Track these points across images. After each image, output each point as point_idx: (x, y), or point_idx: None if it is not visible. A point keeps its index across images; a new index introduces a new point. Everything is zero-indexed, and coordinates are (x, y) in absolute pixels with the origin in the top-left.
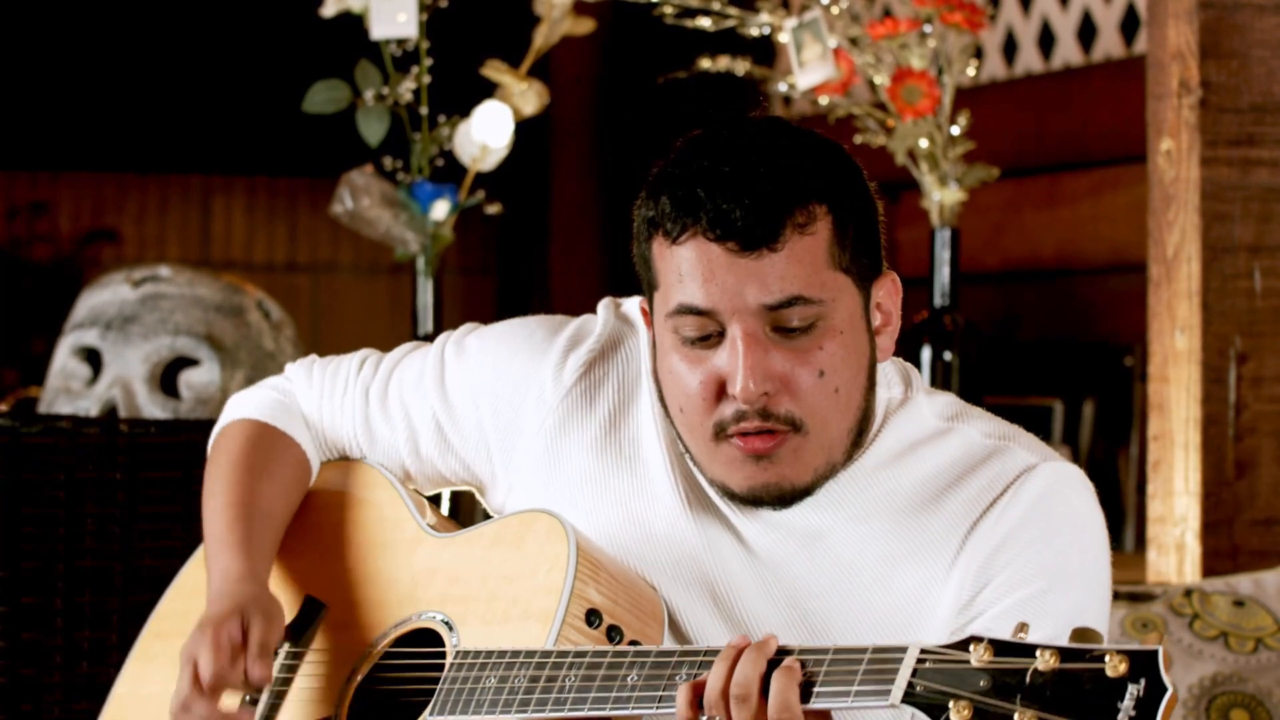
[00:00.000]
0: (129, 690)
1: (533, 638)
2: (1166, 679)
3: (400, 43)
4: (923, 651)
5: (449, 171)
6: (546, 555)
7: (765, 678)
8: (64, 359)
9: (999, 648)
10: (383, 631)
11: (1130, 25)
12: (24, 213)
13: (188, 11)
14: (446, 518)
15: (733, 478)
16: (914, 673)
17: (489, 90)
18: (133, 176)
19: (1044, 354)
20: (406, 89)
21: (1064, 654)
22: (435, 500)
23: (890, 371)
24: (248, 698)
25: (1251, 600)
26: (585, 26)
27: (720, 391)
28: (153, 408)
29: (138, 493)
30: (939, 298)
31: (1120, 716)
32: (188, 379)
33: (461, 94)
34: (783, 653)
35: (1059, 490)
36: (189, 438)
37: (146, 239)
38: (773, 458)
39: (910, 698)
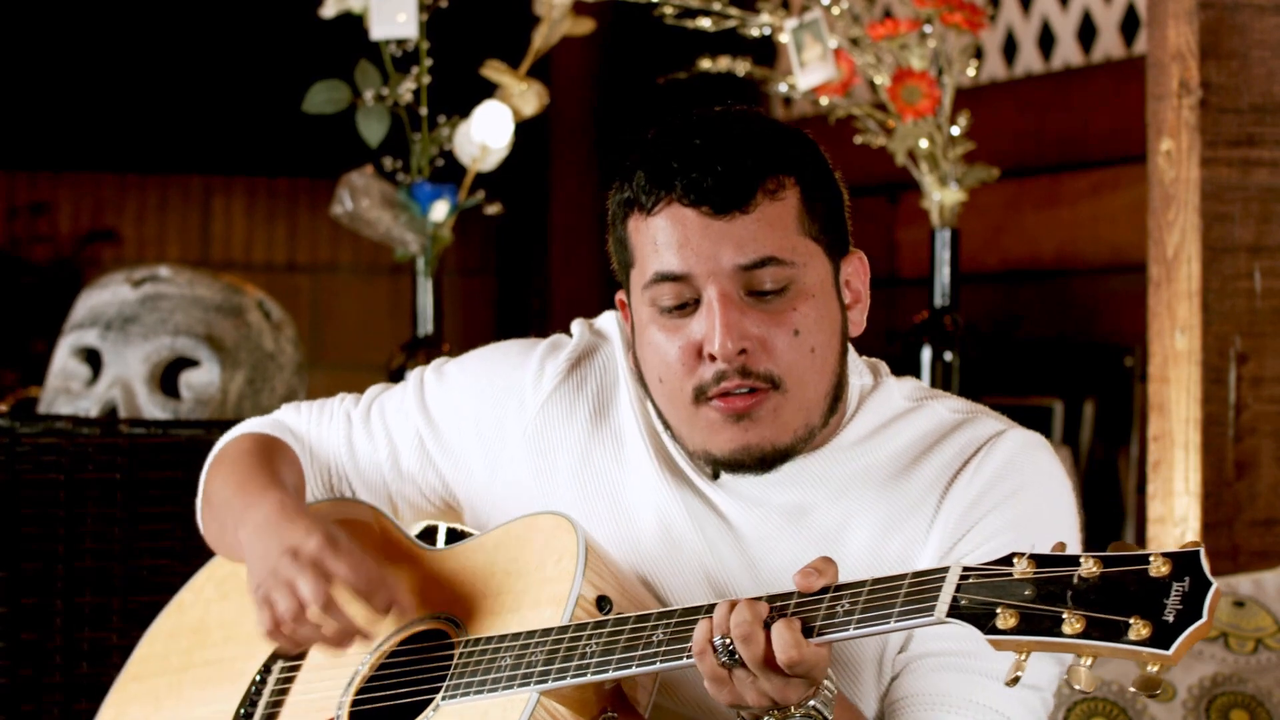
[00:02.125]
0: None
1: (546, 621)
2: (1210, 575)
3: (400, 43)
4: (965, 569)
5: (449, 172)
6: (554, 548)
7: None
8: (64, 359)
9: (1040, 560)
10: (385, 636)
11: (1130, 25)
12: (24, 213)
13: (188, 12)
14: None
15: (714, 441)
16: (957, 588)
17: (489, 90)
18: (133, 176)
19: (1044, 354)
20: (406, 89)
21: (1107, 560)
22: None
23: (860, 364)
24: (241, 710)
25: (1251, 600)
26: (585, 26)
27: (698, 355)
28: (153, 408)
29: (138, 493)
30: (939, 298)
31: (1168, 611)
32: (188, 379)
33: (461, 94)
34: (817, 592)
35: (1026, 451)
36: (189, 438)
37: (146, 239)
38: (753, 416)
39: (955, 611)
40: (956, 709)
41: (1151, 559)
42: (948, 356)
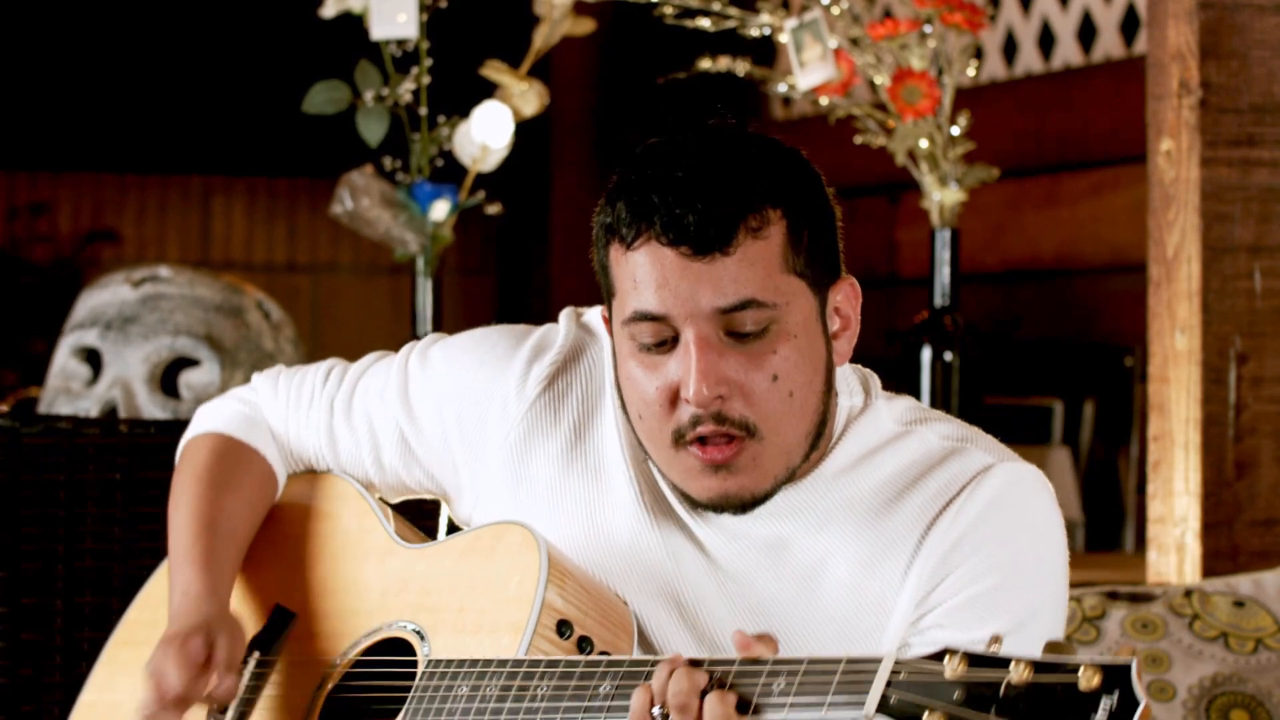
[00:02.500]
0: (96, 698)
1: (504, 648)
2: (1140, 692)
3: (400, 43)
4: (897, 663)
5: (449, 172)
6: (518, 566)
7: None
8: (64, 359)
9: (973, 660)
10: (353, 641)
11: (1130, 25)
12: (24, 213)
13: (188, 12)
14: (416, 530)
15: (692, 486)
16: (888, 684)
17: (489, 90)
18: (133, 176)
19: (1044, 354)
20: (406, 89)
21: (1038, 666)
22: (428, 516)
23: (851, 379)
24: (216, 707)
25: (1251, 600)
26: (585, 27)
27: (676, 397)
28: (153, 408)
29: (138, 493)
30: (939, 298)
31: None
32: (188, 379)
33: (461, 94)
34: (749, 663)
35: (1015, 490)
36: None
37: (146, 239)
38: (731, 467)
39: (884, 708)
40: None
41: (1082, 669)
42: (948, 356)
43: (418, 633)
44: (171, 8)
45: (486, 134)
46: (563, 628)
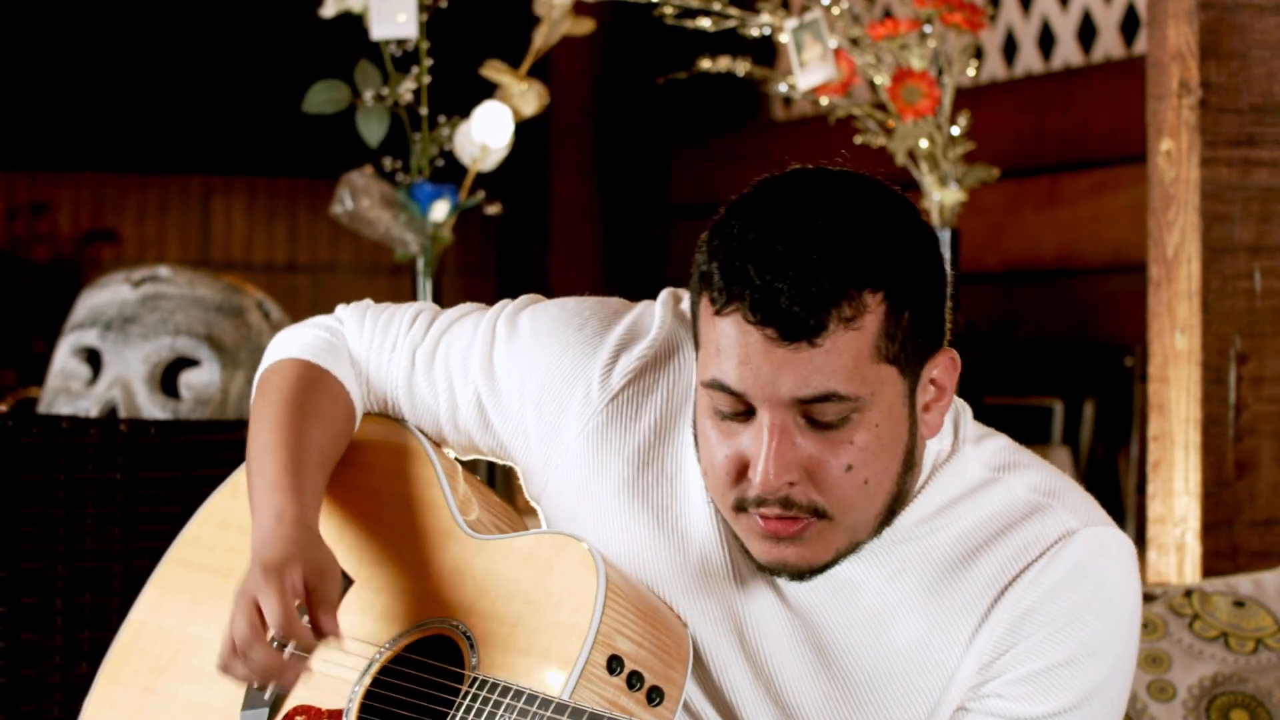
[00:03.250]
0: (146, 618)
1: (551, 680)
2: None
3: (400, 43)
4: None
5: (449, 172)
6: (574, 590)
7: None
8: (64, 359)
9: None
10: (404, 628)
11: (1130, 25)
12: (24, 213)
13: (187, 12)
14: (480, 487)
15: (753, 547)
16: None
17: (489, 90)
18: (133, 176)
19: (1044, 354)
20: (406, 89)
21: None
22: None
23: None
24: (255, 684)
25: (1251, 600)
26: (585, 27)
27: (745, 470)
28: (153, 408)
29: (138, 493)
30: None
31: None
32: (188, 379)
33: (461, 94)
34: None
35: (1096, 560)
36: (189, 438)
37: (146, 239)
38: (794, 540)
39: None
40: None
41: None
42: None
43: (467, 636)
44: (171, 8)
45: (486, 134)
46: (613, 664)
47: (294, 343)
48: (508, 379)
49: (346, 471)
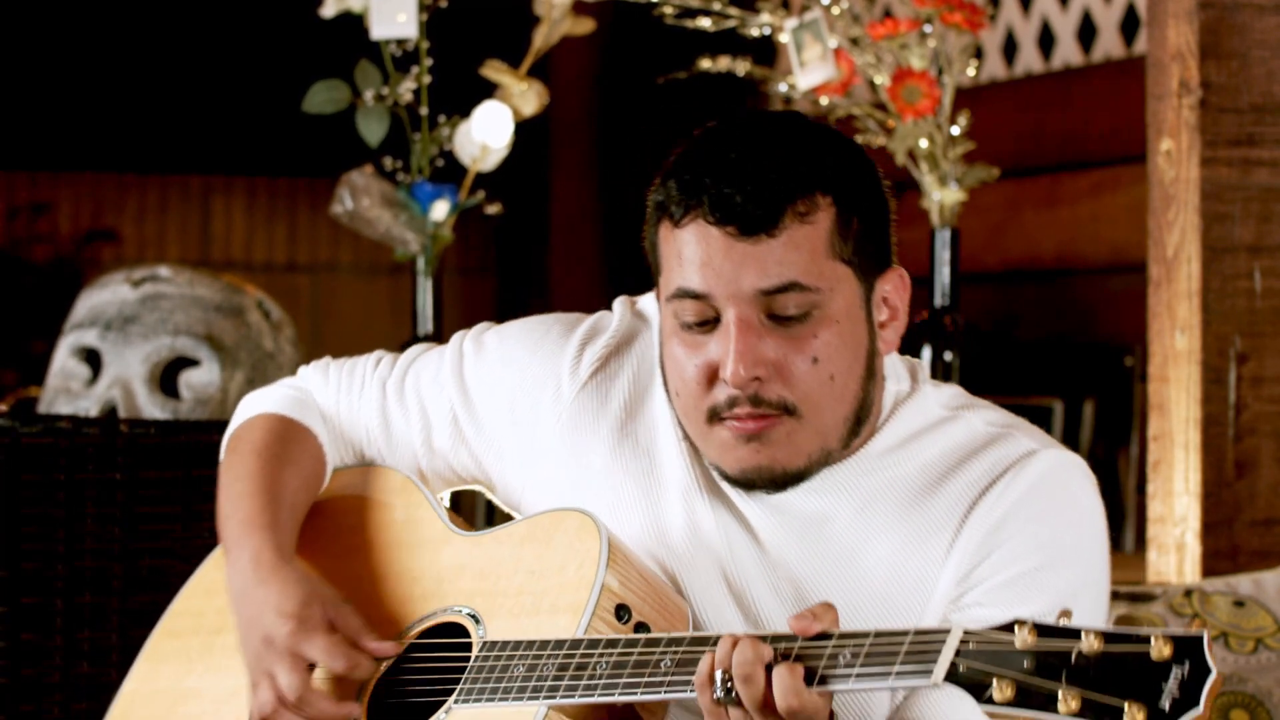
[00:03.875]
0: (137, 687)
1: (562, 629)
2: (1211, 661)
3: (400, 43)
4: (966, 633)
5: (449, 171)
6: (577, 551)
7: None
8: (64, 359)
9: (1042, 630)
10: (407, 625)
11: (1130, 25)
12: (24, 213)
13: (187, 12)
14: (469, 525)
15: (726, 459)
16: (957, 652)
17: (489, 90)
18: (133, 176)
19: (1044, 354)
20: (406, 89)
21: (1108, 637)
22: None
23: (899, 367)
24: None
25: (1251, 600)
26: (585, 26)
27: (714, 376)
28: (153, 408)
29: (138, 493)
30: (939, 298)
31: (1164, 697)
32: (188, 379)
33: (461, 94)
34: (818, 636)
35: (1059, 475)
36: (189, 438)
37: (146, 239)
38: (764, 439)
39: (953, 677)
40: None
41: (1154, 640)
42: (948, 356)
43: (473, 616)
44: (171, 8)
45: (486, 134)
46: (621, 612)
47: (262, 401)
48: (479, 391)
49: (330, 515)
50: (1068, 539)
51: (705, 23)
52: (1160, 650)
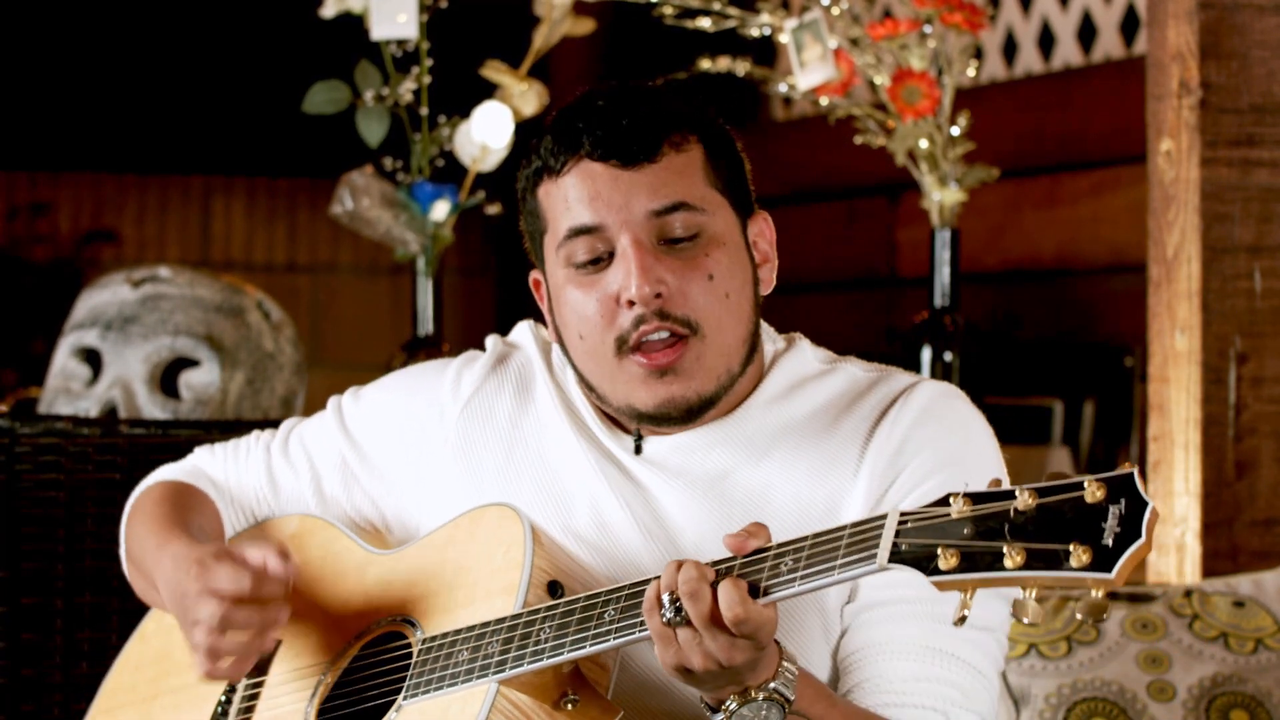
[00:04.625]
0: None
1: (499, 611)
2: (1145, 494)
3: (400, 43)
4: (903, 514)
5: (449, 172)
6: (501, 539)
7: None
8: (64, 359)
9: (977, 498)
10: (343, 646)
11: (1130, 25)
12: (24, 213)
13: (187, 12)
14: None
15: (638, 396)
16: (897, 533)
17: (489, 90)
18: (133, 177)
19: (1044, 354)
20: (406, 89)
21: (1042, 491)
22: None
23: (772, 331)
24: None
25: (1251, 601)
26: (585, 27)
27: (616, 304)
28: (153, 408)
29: None
30: (939, 298)
31: (1106, 534)
32: (188, 379)
33: (461, 94)
34: (754, 553)
35: (941, 397)
36: (189, 438)
37: (146, 239)
38: (676, 370)
39: (897, 557)
40: (910, 656)
41: (1086, 484)
42: (948, 356)
43: (409, 622)
44: (171, 8)
45: (486, 134)
46: (554, 588)
47: (152, 478)
48: (365, 433)
49: None
50: (969, 447)
51: (705, 23)
52: (1094, 493)
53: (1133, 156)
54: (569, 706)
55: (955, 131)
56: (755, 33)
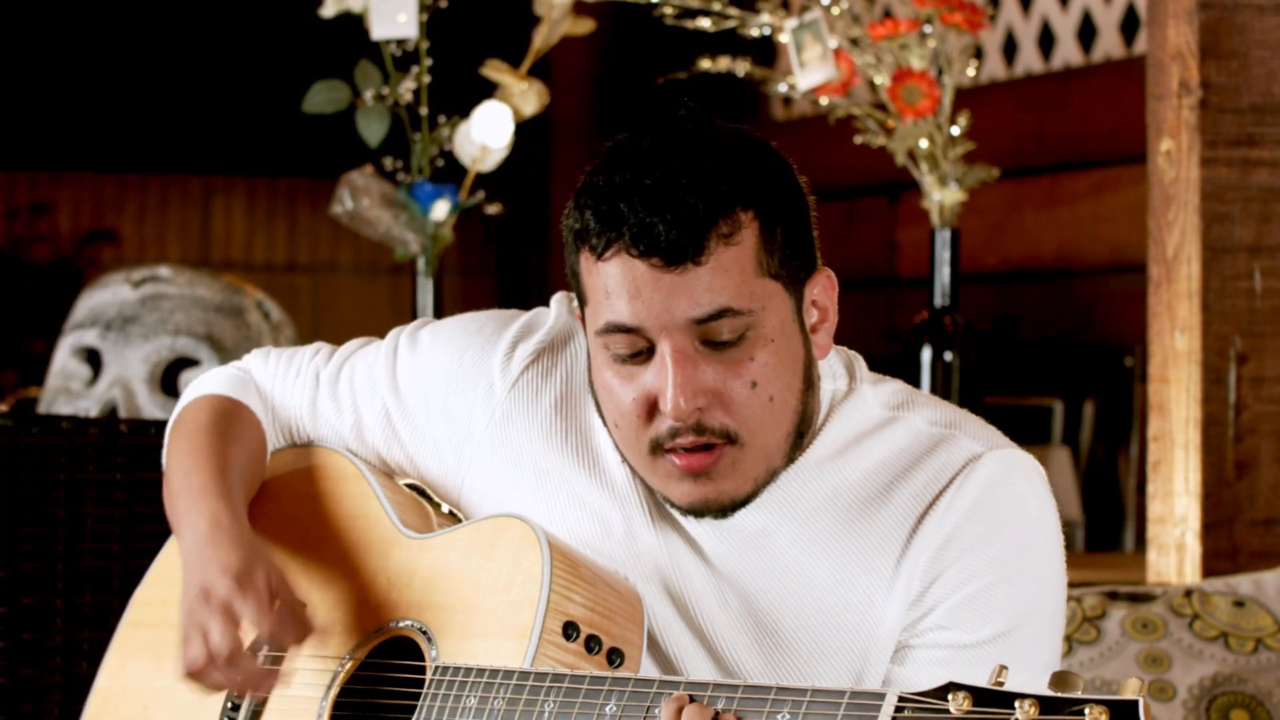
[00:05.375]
0: (110, 683)
1: (510, 654)
2: None
3: (400, 43)
4: (901, 699)
5: (449, 171)
6: (520, 566)
7: None
8: (64, 359)
9: (978, 696)
10: (361, 637)
11: (1130, 25)
12: (24, 213)
13: (187, 12)
14: (419, 501)
15: (672, 492)
16: (892, 718)
17: (489, 90)
18: (133, 176)
19: (1044, 354)
20: (406, 89)
21: (1044, 704)
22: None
23: (835, 363)
24: (229, 704)
25: (1251, 600)
26: (585, 26)
27: (653, 408)
28: (153, 408)
29: (138, 493)
30: (939, 298)
31: None
32: (188, 379)
33: (461, 94)
34: (753, 690)
35: (1006, 480)
36: None
37: (146, 239)
38: (711, 474)
39: None
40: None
41: (1089, 711)
42: (948, 356)
43: (424, 633)
44: (171, 8)
45: (486, 134)
46: (569, 630)
47: (205, 383)
48: (412, 388)
49: (276, 503)
50: (1022, 550)
51: (705, 23)
52: (1096, 718)
53: (1133, 156)
54: None
55: (955, 131)
56: (755, 33)
